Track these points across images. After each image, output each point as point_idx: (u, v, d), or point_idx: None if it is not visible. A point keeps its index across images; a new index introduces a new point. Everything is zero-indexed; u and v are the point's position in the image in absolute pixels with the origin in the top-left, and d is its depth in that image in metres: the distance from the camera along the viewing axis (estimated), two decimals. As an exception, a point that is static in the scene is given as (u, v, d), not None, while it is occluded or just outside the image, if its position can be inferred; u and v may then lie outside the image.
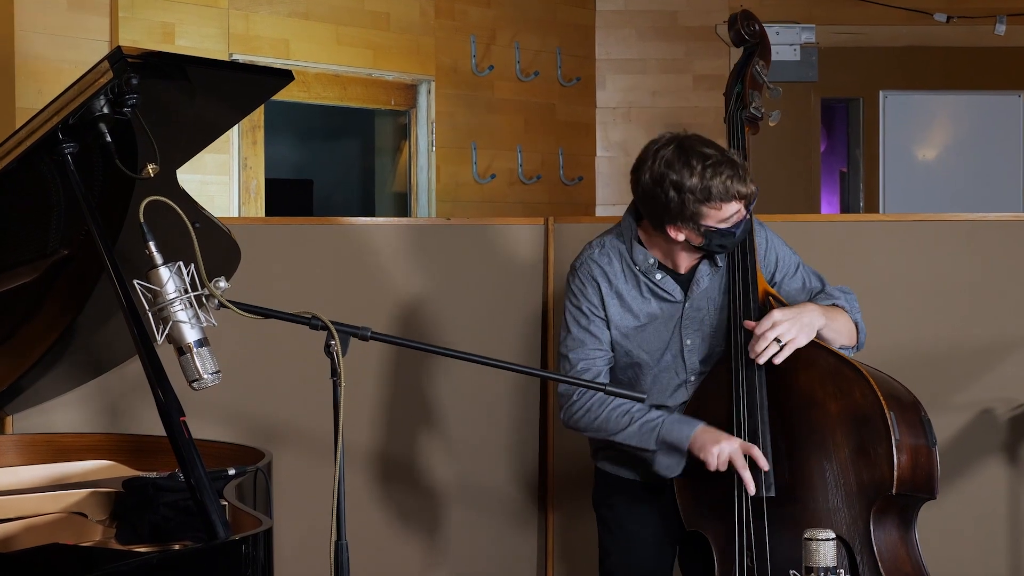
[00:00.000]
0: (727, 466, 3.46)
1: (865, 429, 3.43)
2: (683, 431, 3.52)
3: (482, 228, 4.86)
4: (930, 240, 4.74)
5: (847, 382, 3.48)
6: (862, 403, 3.44)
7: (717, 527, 3.54)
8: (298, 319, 2.79)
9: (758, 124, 3.78)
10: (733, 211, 3.45)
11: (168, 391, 2.71)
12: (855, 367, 3.48)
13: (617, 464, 3.76)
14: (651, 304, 3.63)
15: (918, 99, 9.14)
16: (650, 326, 3.64)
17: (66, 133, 2.87)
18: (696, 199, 3.41)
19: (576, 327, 3.65)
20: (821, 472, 3.46)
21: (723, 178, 3.41)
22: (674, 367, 3.65)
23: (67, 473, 3.61)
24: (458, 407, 4.75)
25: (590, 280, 3.64)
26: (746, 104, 3.74)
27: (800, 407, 3.51)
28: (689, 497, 3.59)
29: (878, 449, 3.41)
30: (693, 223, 3.46)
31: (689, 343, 3.63)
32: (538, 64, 6.88)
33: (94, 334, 3.57)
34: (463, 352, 3.02)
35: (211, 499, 2.67)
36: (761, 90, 3.77)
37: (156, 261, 2.71)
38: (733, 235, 3.49)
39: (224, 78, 3.23)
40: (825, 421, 3.48)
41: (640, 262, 3.61)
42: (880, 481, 3.40)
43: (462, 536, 4.78)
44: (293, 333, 3.10)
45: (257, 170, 5.70)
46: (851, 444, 3.44)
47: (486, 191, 6.66)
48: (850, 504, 3.43)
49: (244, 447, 3.67)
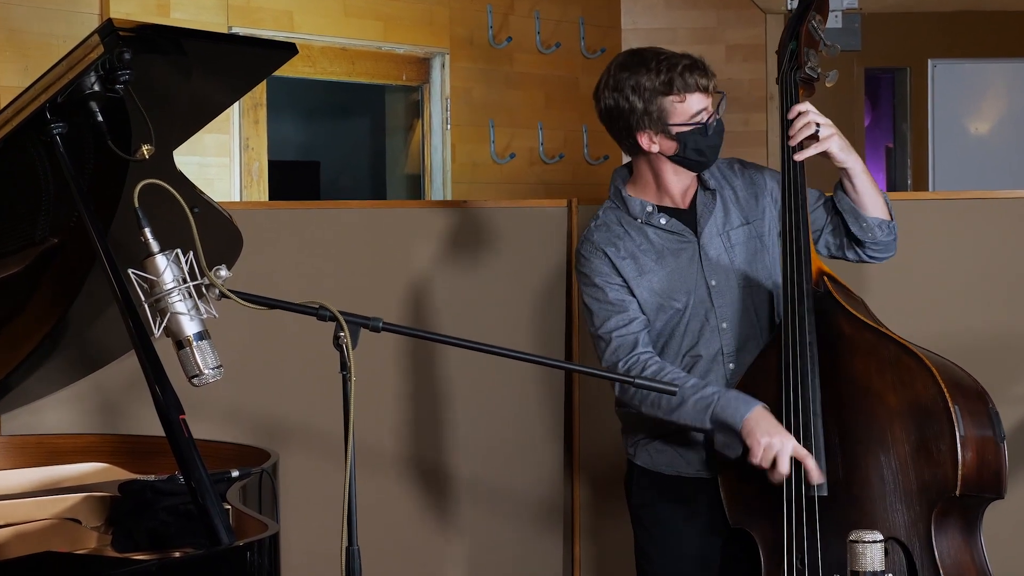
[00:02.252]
0: (770, 464, 3.45)
1: (927, 423, 3.38)
2: (738, 410, 3.50)
3: (501, 211, 4.86)
4: (983, 219, 4.72)
5: (907, 371, 3.43)
6: (924, 395, 3.39)
7: (764, 525, 3.51)
8: (305, 309, 2.79)
9: (813, 85, 3.73)
10: (699, 106, 3.59)
11: (166, 388, 2.72)
12: (916, 355, 3.42)
13: (658, 458, 3.76)
14: (665, 252, 3.69)
15: (969, 68, 9.10)
16: (674, 273, 3.68)
17: (54, 112, 2.87)
18: (657, 92, 3.57)
19: (596, 304, 3.68)
20: (878, 469, 3.42)
21: (680, 69, 3.57)
22: (703, 313, 3.67)
23: (59, 476, 3.62)
24: (476, 402, 4.75)
25: (595, 253, 3.71)
26: (801, 64, 3.69)
27: (855, 398, 3.47)
28: (735, 490, 3.56)
29: (941, 446, 3.36)
30: (661, 125, 3.59)
31: (715, 283, 3.67)
32: (560, 35, 6.88)
33: (87, 328, 3.58)
34: (481, 343, 3.01)
35: (213, 503, 2.67)
36: (817, 47, 3.73)
37: (152, 249, 2.72)
38: (705, 134, 3.59)
39: (223, 52, 3.24)
40: (883, 414, 3.44)
41: (639, 213, 3.71)
42: (943, 480, 3.36)
43: (482, 541, 4.78)
44: (300, 325, 3.10)
45: (259, 151, 5.70)
46: (911, 439, 3.40)
47: (505, 172, 6.67)
48: (909, 505, 3.39)
49: (248, 447, 3.68)
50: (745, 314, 3.70)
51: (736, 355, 3.68)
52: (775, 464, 3.43)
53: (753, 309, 3.71)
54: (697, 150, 3.62)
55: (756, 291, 3.71)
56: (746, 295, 3.70)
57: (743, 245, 3.72)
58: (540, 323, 4.81)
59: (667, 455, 3.74)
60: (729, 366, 3.68)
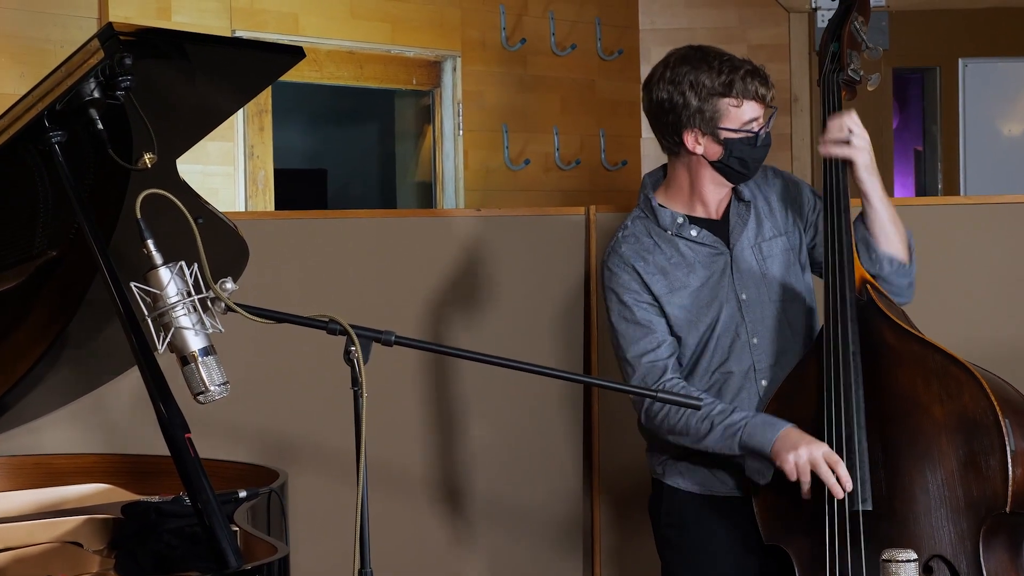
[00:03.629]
0: (809, 475, 3.44)
1: (975, 437, 3.37)
2: (765, 435, 3.51)
3: (516, 219, 4.86)
4: (1018, 225, 4.71)
5: (955, 383, 3.42)
6: (972, 407, 3.38)
7: (801, 542, 3.50)
8: (314, 323, 2.79)
9: (855, 88, 3.75)
10: (753, 114, 3.62)
11: (171, 405, 2.72)
12: (964, 365, 3.41)
13: (690, 477, 3.76)
14: (696, 264, 3.68)
15: (1002, 67, 9.08)
16: (705, 287, 3.68)
17: (53, 120, 2.87)
18: (715, 92, 3.59)
19: (624, 323, 3.68)
20: (923, 484, 3.41)
21: (742, 73, 3.60)
22: (734, 327, 3.67)
23: (60, 498, 3.62)
24: (491, 417, 4.74)
25: (624, 267, 3.70)
26: (843, 65, 3.70)
27: (900, 410, 3.46)
28: (771, 505, 3.55)
29: (990, 461, 3.35)
30: (712, 127, 3.59)
31: (745, 297, 3.68)
32: (575, 36, 6.87)
33: (87, 344, 3.58)
34: (496, 356, 3.01)
35: (220, 524, 2.67)
36: (859, 49, 3.74)
37: (155, 261, 2.72)
38: (753, 144, 3.61)
39: (227, 57, 3.24)
40: (929, 427, 3.42)
41: (669, 224, 3.71)
42: (992, 497, 3.34)
43: (498, 561, 4.77)
44: (309, 339, 3.10)
45: (265, 159, 5.71)
46: (959, 454, 3.39)
47: (519, 178, 6.66)
48: (956, 522, 3.37)
49: (256, 466, 3.68)
50: (779, 329, 3.69)
51: (769, 371, 3.68)
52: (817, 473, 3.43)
53: (787, 323, 3.70)
54: (741, 160, 3.63)
55: (790, 305, 3.70)
56: (779, 309, 3.69)
57: (776, 257, 3.71)
58: (558, 335, 4.80)
59: (700, 474, 3.74)
60: (762, 383, 3.67)
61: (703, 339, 3.68)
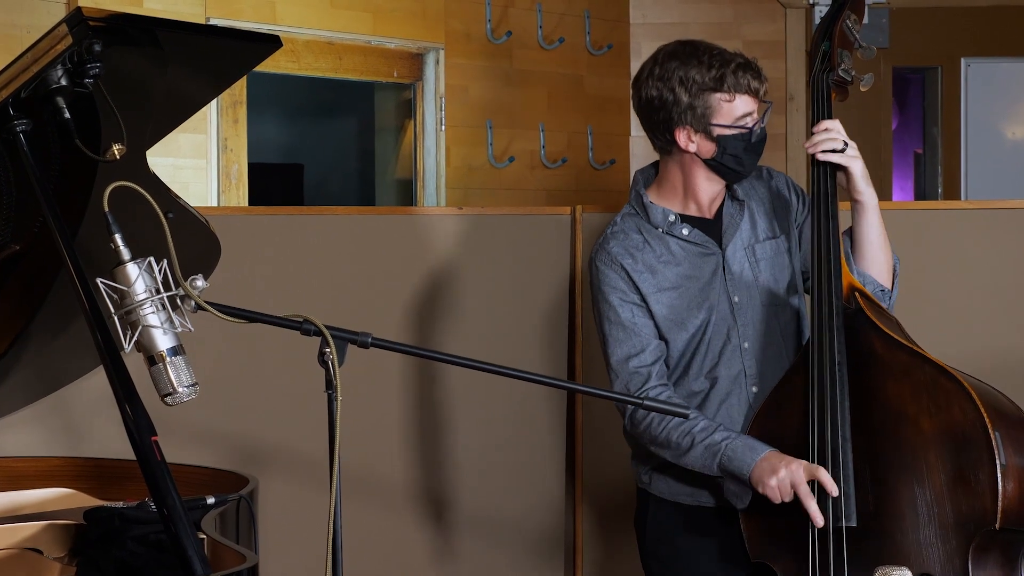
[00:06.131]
0: (791, 495, 3.45)
1: (965, 451, 3.37)
2: (744, 460, 3.52)
3: (499, 219, 4.86)
4: (1020, 232, 4.72)
5: (944, 395, 3.42)
6: (961, 420, 3.38)
7: (787, 560, 3.51)
8: (288, 323, 2.79)
9: (847, 89, 3.74)
10: (746, 109, 3.62)
11: (137, 407, 2.71)
12: (954, 378, 3.42)
13: (677, 487, 3.76)
14: (686, 264, 3.70)
15: (1005, 67, 9.10)
16: (695, 288, 3.69)
17: (18, 108, 2.87)
18: (706, 87, 3.59)
19: (609, 324, 3.69)
20: (911, 500, 3.41)
21: (733, 67, 3.61)
22: (725, 331, 3.68)
23: (19, 503, 3.62)
24: (470, 423, 4.75)
25: (612, 266, 3.71)
26: (834, 65, 3.71)
27: (888, 423, 3.47)
28: (756, 522, 3.56)
29: (980, 475, 3.35)
30: (704, 123, 3.60)
31: (738, 300, 3.69)
32: (563, 29, 6.88)
33: (51, 342, 3.58)
34: (477, 360, 3.01)
35: (187, 532, 2.66)
36: (851, 49, 3.75)
37: (123, 257, 2.71)
38: (748, 140, 3.62)
39: (201, 45, 3.23)
40: (917, 440, 3.43)
41: (660, 222, 3.72)
42: (982, 513, 3.34)
43: (478, 574, 4.77)
44: (282, 340, 3.10)
45: (239, 153, 5.70)
46: (947, 468, 3.39)
47: (503, 176, 6.66)
48: (945, 538, 3.37)
49: (225, 472, 3.67)
50: (769, 335, 3.70)
51: (759, 377, 3.68)
52: (798, 495, 3.44)
53: (778, 330, 3.71)
54: (735, 157, 3.64)
55: (781, 310, 3.72)
56: (770, 314, 3.70)
57: (768, 260, 3.72)
58: (541, 339, 4.80)
59: (687, 484, 3.74)
60: (752, 389, 3.68)
61: (693, 342, 3.69)
